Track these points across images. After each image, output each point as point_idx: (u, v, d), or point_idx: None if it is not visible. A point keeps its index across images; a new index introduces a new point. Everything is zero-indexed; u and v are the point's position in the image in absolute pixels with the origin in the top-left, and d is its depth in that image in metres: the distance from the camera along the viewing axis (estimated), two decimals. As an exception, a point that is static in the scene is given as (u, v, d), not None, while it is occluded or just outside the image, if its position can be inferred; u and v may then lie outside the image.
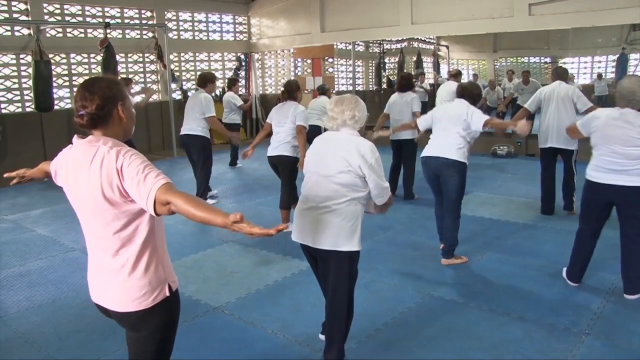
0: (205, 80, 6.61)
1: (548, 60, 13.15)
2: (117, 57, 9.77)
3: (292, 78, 13.09)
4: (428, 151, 4.49)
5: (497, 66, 13.50)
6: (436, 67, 13.67)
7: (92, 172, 1.80)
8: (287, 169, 5.40)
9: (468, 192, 6.96)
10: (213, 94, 6.93)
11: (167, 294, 1.91)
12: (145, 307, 1.88)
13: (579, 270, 4.04)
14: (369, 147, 2.71)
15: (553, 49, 12.39)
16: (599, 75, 11.50)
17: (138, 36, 10.99)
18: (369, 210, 2.93)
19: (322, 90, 8.58)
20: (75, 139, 1.91)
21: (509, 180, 7.80)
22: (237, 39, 13.36)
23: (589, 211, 3.93)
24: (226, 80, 10.75)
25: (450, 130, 4.37)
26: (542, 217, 5.82)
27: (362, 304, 3.82)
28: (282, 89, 5.56)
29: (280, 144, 5.29)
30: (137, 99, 8.48)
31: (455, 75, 8.48)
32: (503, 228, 5.55)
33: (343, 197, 2.72)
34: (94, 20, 10.08)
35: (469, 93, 4.50)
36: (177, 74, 11.60)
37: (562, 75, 5.89)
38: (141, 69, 11.14)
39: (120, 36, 10.63)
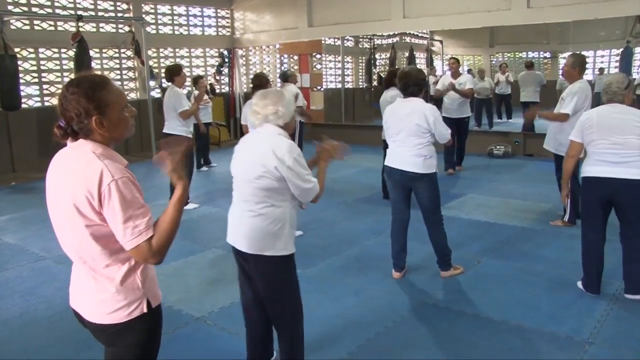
0: (171, 74, 6.60)
1: (548, 55, 13.28)
2: (91, 53, 9.72)
3: (281, 73, 13.11)
4: (390, 161, 4.36)
5: (493, 62, 13.59)
6: (429, 63, 13.73)
7: (70, 179, 1.79)
8: None
9: (462, 194, 7.07)
10: (188, 89, 6.90)
11: (145, 310, 1.90)
12: (119, 322, 1.87)
13: (595, 278, 3.98)
14: (286, 147, 2.61)
15: (553, 44, 12.50)
16: (601, 70, 11.56)
17: (113, 30, 10.94)
18: (301, 206, 2.92)
19: (285, 77, 8.27)
20: (68, 141, 1.86)
21: (506, 181, 7.86)
22: (220, 33, 13.35)
23: (590, 212, 3.98)
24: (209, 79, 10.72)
25: (411, 141, 4.18)
26: (541, 221, 5.87)
27: (352, 312, 3.84)
28: (251, 84, 5.53)
29: None
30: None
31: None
32: (500, 232, 5.59)
33: (264, 202, 2.68)
34: (65, 12, 10.02)
35: (414, 80, 4.21)
36: (155, 70, 11.55)
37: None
38: (117, 66, 11.09)
39: (94, 30, 10.57)
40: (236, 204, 2.84)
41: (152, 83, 11.23)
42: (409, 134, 4.17)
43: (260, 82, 5.42)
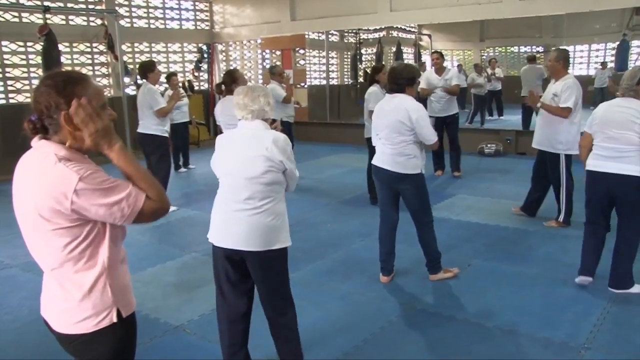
0: (145, 70, 6.60)
1: (540, 49, 13.39)
2: (60, 47, 9.61)
3: (263, 70, 13.09)
4: (377, 159, 4.39)
5: (484, 57, 13.69)
6: (417, 58, 13.79)
7: (31, 183, 1.75)
8: None
9: (452, 194, 7.11)
10: (165, 86, 6.88)
11: (114, 320, 1.87)
12: (86, 332, 1.84)
13: (586, 261, 4.22)
14: (284, 139, 2.82)
15: (546, 37, 12.60)
16: (603, 64, 11.62)
17: (85, 23, 10.83)
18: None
19: (272, 73, 8.30)
20: (33, 142, 1.82)
21: (498, 181, 7.91)
22: (199, 27, 13.29)
23: (591, 206, 4.19)
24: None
25: (394, 138, 4.19)
26: (534, 221, 5.91)
27: (339, 318, 3.84)
28: (222, 81, 5.49)
29: None
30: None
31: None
32: (492, 233, 5.62)
33: (269, 197, 2.81)
34: (31, 3, 9.86)
35: (399, 75, 4.21)
36: (130, 66, 11.46)
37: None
38: (89, 61, 10.99)
39: (63, 22, 10.44)
40: (226, 203, 2.85)
41: (126, 79, 11.14)
42: (392, 131, 4.18)
43: (233, 78, 5.41)
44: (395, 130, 4.15)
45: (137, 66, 6.82)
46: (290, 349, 3.00)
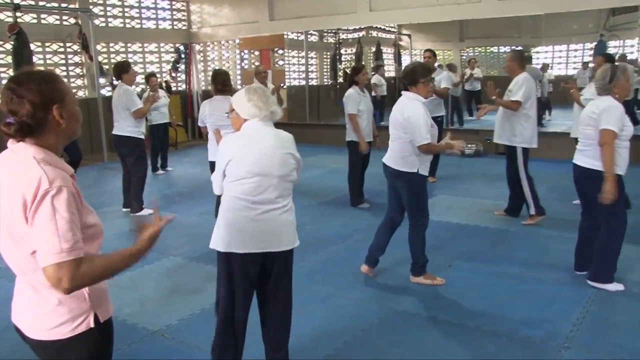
0: (119, 71, 6.55)
1: (520, 49, 13.54)
2: (32, 46, 9.48)
3: (241, 71, 13.05)
4: (385, 156, 4.49)
5: (464, 57, 13.80)
6: (397, 59, 13.85)
7: (7, 185, 1.73)
8: None
9: (433, 195, 7.15)
10: (142, 87, 6.85)
11: (91, 324, 1.85)
12: (62, 338, 1.82)
13: (575, 258, 4.53)
14: (293, 139, 3.01)
15: (525, 37, 12.75)
16: (584, 65, 11.77)
17: (57, 22, 10.71)
18: None
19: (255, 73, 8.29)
20: (9, 143, 1.80)
21: (478, 181, 7.99)
22: (175, 27, 13.23)
23: (579, 196, 4.54)
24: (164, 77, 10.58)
25: (394, 135, 4.31)
26: (514, 221, 5.98)
27: (320, 320, 3.85)
28: (213, 81, 5.45)
29: None
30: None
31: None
32: (472, 234, 5.68)
33: (290, 194, 2.95)
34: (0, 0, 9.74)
35: (405, 74, 4.33)
36: (106, 67, 11.36)
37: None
38: (63, 61, 10.87)
39: (34, 21, 10.32)
40: (251, 206, 2.81)
41: (102, 80, 11.04)
42: (392, 128, 4.31)
43: (225, 79, 5.39)
44: (394, 127, 4.27)
45: (112, 67, 6.77)
46: (282, 357, 3.10)
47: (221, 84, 5.33)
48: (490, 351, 3.40)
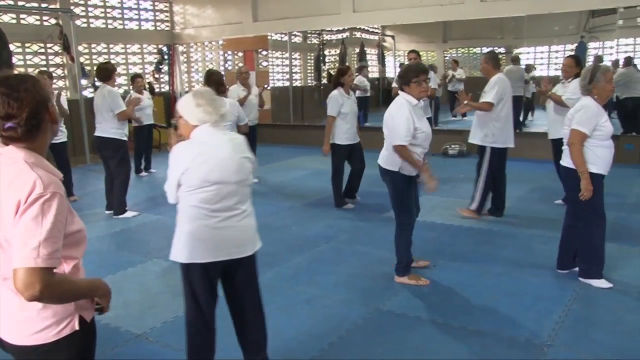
0: (109, 72, 6.54)
1: (502, 50, 13.66)
2: (12, 47, 9.37)
3: (225, 72, 13.01)
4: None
5: (447, 57, 13.89)
6: (381, 60, 13.91)
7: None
8: None
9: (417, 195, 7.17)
10: (125, 89, 6.85)
11: (76, 327, 1.83)
12: (46, 342, 1.79)
13: (558, 254, 4.60)
14: (245, 141, 2.94)
15: (507, 38, 12.88)
16: None
17: (37, 22, 10.60)
18: None
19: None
20: None
21: (462, 181, 8.02)
22: (158, 28, 13.16)
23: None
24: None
25: (385, 133, 4.37)
26: (499, 221, 6.03)
27: (304, 322, 3.84)
28: (206, 81, 5.42)
29: None
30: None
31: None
32: (456, 234, 5.71)
33: (249, 198, 2.89)
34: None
35: (399, 74, 4.43)
36: (88, 68, 11.27)
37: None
38: (43, 62, 10.75)
39: (14, 21, 10.21)
40: (210, 214, 2.73)
41: (83, 81, 10.96)
42: (384, 126, 4.36)
43: (219, 79, 5.37)
44: (384, 125, 4.34)
45: (96, 68, 6.73)
46: (262, 357, 3.06)
47: (215, 84, 5.31)
48: (475, 351, 3.42)
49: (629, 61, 10.09)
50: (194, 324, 2.95)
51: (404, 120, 4.13)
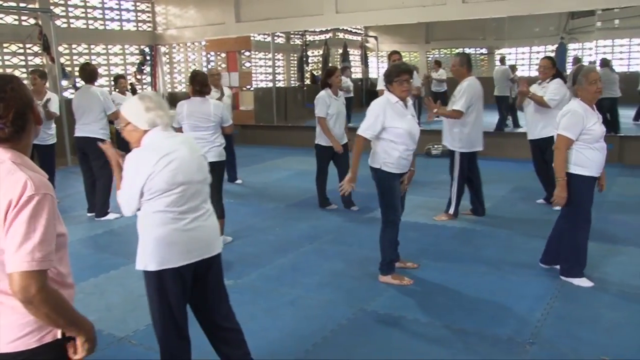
0: (93, 73, 6.60)
1: (484, 51, 13.79)
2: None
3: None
4: None
5: (429, 58, 13.97)
6: (364, 60, 13.95)
7: None
8: (220, 175, 5.36)
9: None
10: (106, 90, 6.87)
11: (58, 335, 1.79)
12: (26, 349, 1.75)
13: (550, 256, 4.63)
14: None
15: (489, 39, 13.02)
16: None
17: (16, 22, 10.47)
18: None
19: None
20: None
21: (444, 181, 8.04)
22: (140, 29, 13.08)
23: None
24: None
25: None
26: (481, 221, 6.08)
27: (288, 323, 3.84)
28: (191, 82, 5.37)
29: (211, 149, 5.17)
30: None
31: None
32: (440, 233, 5.75)
33: (209, 196, 2.87)
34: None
35: (385, 74, 4.50)
36: (68, 69, 11.16)
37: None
38: (22, 62, 10.62)
39: (-10, 21, 10.09)
40: (178, 217, 2.69)
41: (64, 83, 10.85)
42: None
43: (204, 80, 5.32)
44: None
45: (79, 69, 6.72)
46: (245, 350, 2.98)
47: (199, 85, 5.26)
48: (458, 349, 3.44)
49: (605, 62, 10.28)
50: (168, 336, 2.86)
51: (372, 115, 4.29)
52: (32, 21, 10.58)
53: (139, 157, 2.64)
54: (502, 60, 11.93)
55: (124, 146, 2.72)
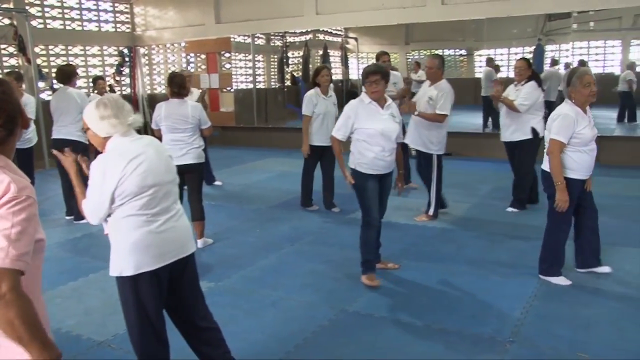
0: (71, 75, 6.49)
1: (463, 52, 13.91)
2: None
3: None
4: None
5: (409, 59, 14.05)
6: (344, 62, 13.98)
7: None
8: (199, 177, 5.38)
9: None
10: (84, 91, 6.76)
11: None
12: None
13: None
14: None
15: (468, 41, 13.14)
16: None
17: (-10, 23, 10.32)
18: None
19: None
20: None
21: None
22: (119, 30, 12.96)
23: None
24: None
25: None
26: (462, 220, 6.13)
27: (269, 325, 3.83)
28: (169, 84, 5.33)
29: (189, 151, 5.16)
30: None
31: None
32: (420, 233, 5.78)
33: (178, 197, 2.89)
34: None
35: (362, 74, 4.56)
36: (45, 70, 11.02)
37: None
38: (-3, 64, 10.47)
39: (-37, 21, 9.91)
40: (151, 219, 2.67)
41: (41, 84, 10.71)
42: None
43: (182, 81, 5.28)
44: None
45: (56, 70, 6.62)
46: (225, 349, 2.97)
47: (177, 86, 5.22)
48: (439, 349, 3.46)
49: (582, 64, 10.43)
50: (147, 341, 2.81)
51: (343, 116, 4.43)
52: (6, 21, 10.42)
53: (106, 162, 2.63)
54: (489, 62, 12.05)
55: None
